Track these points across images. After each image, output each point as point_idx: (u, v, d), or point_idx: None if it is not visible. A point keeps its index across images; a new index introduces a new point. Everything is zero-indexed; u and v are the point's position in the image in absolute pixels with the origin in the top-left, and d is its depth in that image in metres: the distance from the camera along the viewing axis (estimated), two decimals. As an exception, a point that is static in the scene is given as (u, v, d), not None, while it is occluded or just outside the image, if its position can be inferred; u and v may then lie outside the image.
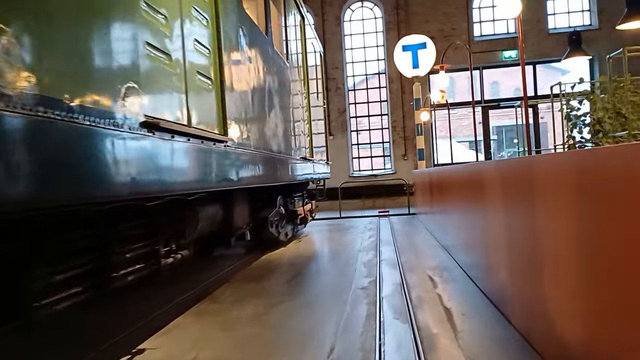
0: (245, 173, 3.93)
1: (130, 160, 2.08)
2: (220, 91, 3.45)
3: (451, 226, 5.57)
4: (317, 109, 9.37)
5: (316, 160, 8.66)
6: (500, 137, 38.69)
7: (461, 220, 4.82)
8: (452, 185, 5.31)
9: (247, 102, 4.17)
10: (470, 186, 4.11)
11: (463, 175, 4.56)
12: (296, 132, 6.82)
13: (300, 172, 7.16)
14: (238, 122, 3.86)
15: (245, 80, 4.13)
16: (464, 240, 4.76)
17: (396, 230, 8.42)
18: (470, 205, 4.20)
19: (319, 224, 10.60)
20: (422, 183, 9.50)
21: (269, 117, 5.26)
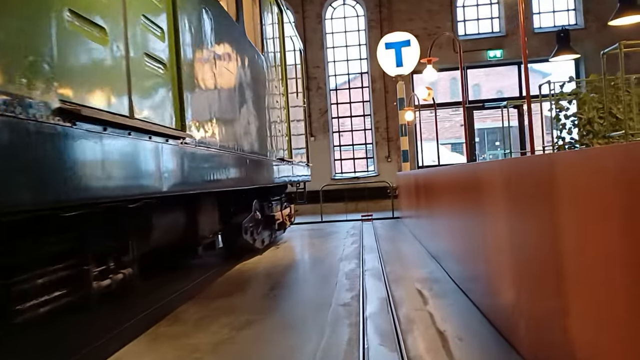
0: (210, 175, 3.43)
1: (38, 159, 1.57)
2: (178, 79, 2.95)
3: (441, 232, 5.13)
4: (297, 109, 8.90)
5: (295, 162, 8.18)
6: (482, 140, 38.69)
7: (453, 226, 4.38)
8: (443, 188, 4.87)
9: (213, 94, 3.67)
10: (466, 189, 3.66)
11: (457, 176, 4.12)
12: (273, 132, 6.34)
13: (278, 175, 6.68)
14: (201, 117, 3.36)
15: (210, 70, 3.63)
16: (456, 248, 4.31)
17: (380, 236, 7.97)
18: (465, 210, 3.76)
19: (299, 229, 10.11)
20: (407, 186, 9.08)
21: (240, 114, 4.77)
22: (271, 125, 6.19)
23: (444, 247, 4.98)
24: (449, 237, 4.63)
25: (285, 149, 7.32)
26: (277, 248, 7.27)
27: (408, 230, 8.41)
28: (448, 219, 4.65)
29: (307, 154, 10.06)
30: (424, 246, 6.34)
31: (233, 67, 4.38)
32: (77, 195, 1.71)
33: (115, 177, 2.03)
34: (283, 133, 7.16)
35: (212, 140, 3.55)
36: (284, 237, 8.70)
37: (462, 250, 4.02)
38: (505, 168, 2.52)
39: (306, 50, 14.22)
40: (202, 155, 3.29)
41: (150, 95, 2.57)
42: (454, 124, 38.89)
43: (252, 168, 5.12)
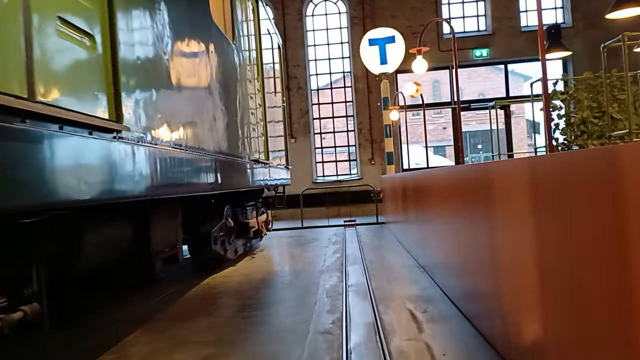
0: (160, 179, 2.80)
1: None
2: (112, 57, 2.32)
3: (434, 241, 4.56)
4: (275, 110, 8.30)
5: (273, 165, 7.57)
6: (464, 143, 38.40)
7: (449, 233, 3.81)
8: (437, 191, 4.31)
9: (164, 79, 3.04)
10: (470, 191, 3.10)
11: (457, 178, 3.55)
12: (246, 131, 5.72)
13: (253, 178, 6.06)
14: (147, 107, 2.73)
15: (162, 50, 3.01)
16: (453, 259, 3.74)
17: (365, 244, 7.38)
18: (467, 215, 3.19)
19: (278, 236, 9.48)
20: (392, 189, 8.52)
21: (205, 107, 4.14)
22: (244, 124, 5.57)
23: (437, 258, 4.41)
24: (444, 246, 4.06)
25: (261, 150, 6.71)
26: (252, 258, 6.64)
27: (394, 237, 7.85)
28: (443, 225, 4.08)
29: (286, 157, 9.46)
30: (412, 256, 5.77)
31: (194, 50, 3.76)
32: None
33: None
34: (259, 133, 6.55)
35: (163, 136, 2.92)
36: (261, 244, 8.07)
37: (461, 262, 3.45)
38: (534, 168, 1.95)
39: (286, 49, 13.62)
40: (148, 154, 2.66)
41: (65, 72, 1.94)
42: (437, 126, 38.66)
43: (221, 171, 4.50)
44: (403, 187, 6.69)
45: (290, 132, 13.70)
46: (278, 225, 11.21)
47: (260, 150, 6.64)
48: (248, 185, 5.88)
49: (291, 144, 13.65)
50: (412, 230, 6.02)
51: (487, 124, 31.37)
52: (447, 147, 37.28)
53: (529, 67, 21.49)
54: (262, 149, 6.80)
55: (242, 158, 5.37)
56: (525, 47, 13.24)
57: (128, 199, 2.48)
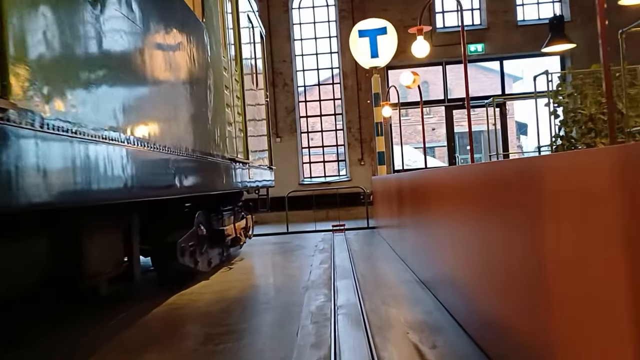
0: (81, 180, 2.06)
1: None
2: None
3: (437, 251, 3.87)
4: (257, 108, 7.58)
5: (254, 165, 6.84)
6: (453, 144, 37.90)
7: (462, 243, 3.12)
8: (443, 193, 3.61)
9: (90, 43, 2.31)
10: (491, 192, 2.41)
11: (471, 178, 2.86)
12: (221, 128, 5.00)
13: (230, 179, 5.34)
14: (63, 81, 2.00)
15: (91, 13, 2.27)
16: (465, 274, 3.05)
17: (355, 253, 6.68)
18: (491, 221, 2.49)
19: (261, 242, 8.75)
20: (384, 191, 7.83)
21: (163, 93, 3.42)
22: (218, 119, 4.84)
23: (441, 272, 3.71)
24: (452, 257, 3.36)
25: (240, 149, 5.99)
26: (229, 269, 5.90)
27: (387, 244, 7.15)
28: (450, 231, 3.39)
29: (270, 157, 8.74)
30: (409, 268, 5.07)
31: (142, 16, 3.02)
32: None
33: None
34: (237, 131, 5.83)
35: (91, 122, 2.19)
36: (242, 252, 7.34)
37: (477, 278, 2.75)
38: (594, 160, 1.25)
39: (271, 43, 12.90)
40: (64, 147, 1.93)
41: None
42: (426, 127, 38.01)
43: (186, 171, 3.77)
44: (398, 189, 6.00)
45: (275, 131, 12.98)
46: (262, 230, 10.48)
47: (239, 149, 5.92)
48: (223, 188, 5.15)
49: (276, 143, 12.94)
50: (409, 237, 5.32)
51: (478, 124, 31.07)
52: (436, 148, 36.88)
53: (517, 67, 21.01)
54: (241, 148, 6.07)
55: (215, 156, 4.64)
56: (521, 42, 12.65)
57: (30, 208, 1.74)
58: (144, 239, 4.33)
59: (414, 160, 24.52)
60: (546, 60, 13.41)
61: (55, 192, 1.84)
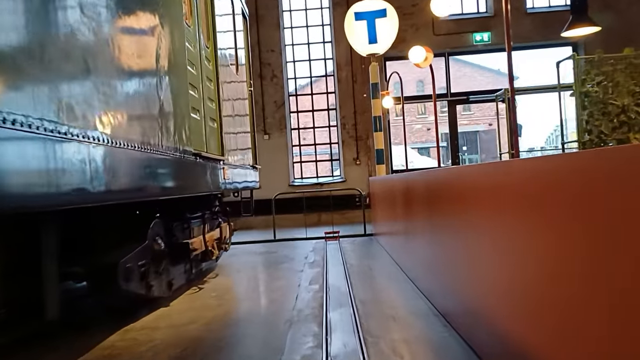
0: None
1: None
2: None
3: (470, 272, 2.79)
4: (238, 103, 6.50)
5: (233, 163, 5.76)
6: (448, 144, 37.01)
7: (518, 263, 2.04)
8: (481, 195, 2.54)
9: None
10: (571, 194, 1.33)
11: (531, 175, 1.79)
12: (182, 115, 3.92)
13: (198, 180, 4.25)
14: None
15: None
16: (511, 308, 1.97)
17: (352, 267, 5.59)
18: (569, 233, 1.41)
19: (244, 251, 7.66)
20: (385, 194, 6.77)
21: (95, 68, 2.33)
22: (175, 101, 3.75)
23: (476, 303, 2.64)
24: (499, 281, 2.29)
25: (212, 144, 4.91)
26: (196, 291, 4.79)
27: (388, 256, 6.08)
28: (497, 245, 2.32)
29: (254, 155, 7.65)
30: (422, 292, 4.00)
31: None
32: None
33: None
34: (207, 120, 4.74)
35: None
36: (219, 265, 6.25)
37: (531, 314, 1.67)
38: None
39: (258, 31, 11.82)
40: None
41: None
42: (421, 127, 37.26)
43: (115, 169, 2.67)
44: (405, 191, 4.92)
45: (263, 128, 11.88)
46: (246, 236, 9.39)
47: (210, 143, 4.83)
48: (187, 191, 4.06)
49: (264, 141, 11.85)
50: (419, 249, 4.25)
51: (473, 125, 30.01)
52: (431, 149, 35.91)
53: (530, 55, 19.96)
54: (213, 142, 4.99)
55: (168, 150, 3.54)
56: (531, 31, 11.61)
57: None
58: (73, 258, 3.26)
59: (410, 161, 23.50)
60: (557, 52, 12.39)
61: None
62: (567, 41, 11.78)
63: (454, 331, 2.97)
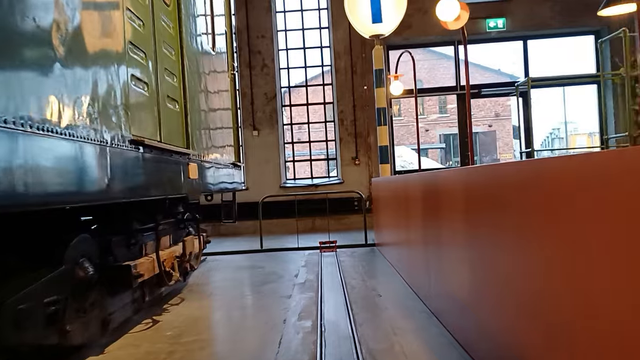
0: None
1: None
2: None
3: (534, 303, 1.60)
4: (216, 97, 5.31)
5: (206, 159, 4.56)
6: (448, 146, 36.08)
7: None
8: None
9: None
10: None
11: None
12: (118, 90, 2.72)
13: (142, 179, 3.05)
14: None
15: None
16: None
17: (354, 292, 4.40)
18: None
19: (223, 266, 6.47)
20: (391, 197, 5.59)
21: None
22: (99, 60, 2.55)
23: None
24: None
25: (174, 133, 3.72)
26: (146, 329, 3.58)
27: (398, 276, 4.90)
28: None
29: (237, 152, 6.45)
30: (452, 334, 2.81)
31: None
32: None
33: None
34: (161, 99, 3.54)
35: None
36: (190, 284, 5.06)
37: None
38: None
39: (247, 14, 10.63)
40: None
41: None
42: (420, 127, 36.06)
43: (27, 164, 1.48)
44: (425, 194, 3.73)
45: (252, 123, 10.69)
46: (230, 245, 8.22)
47: (170, 133, 3.63)
48: (120, 195, 2.84)
49: (253, 137, 10.66)
50: (447, 273, 3.08)
51: (473, 126, 28.57)
52: (429, 150, 34.84)
53: (542, 45, 18.92)
54: (177, 131, 3.79)
55: (96, 137, 2.35)
56: (550, 17, 10.47)
57: None
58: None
59: (410, 162, 22.41)
60: (578, 41, 11.28)
61: None
62: (590, 29, 10.67)
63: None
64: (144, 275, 3.34)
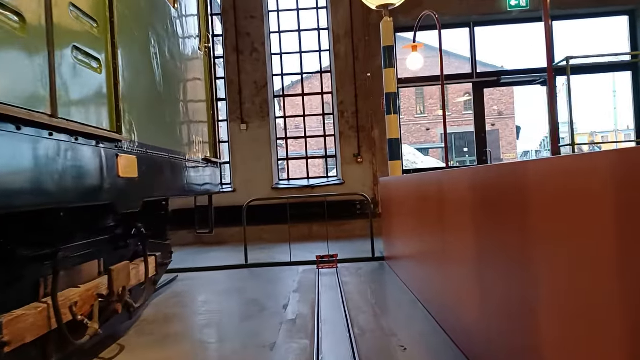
0: None
1: None
2: None
3: None
4: (179, 67, 4.01)
5: (161, 151, 3.25)
6: (450, 145, 34.86)
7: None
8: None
9: None
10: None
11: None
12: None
13: (31, 176, 1.71)
14: None
15: None
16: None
17: (363, 336, 3.07)
18: None
19: (195, 288, 5.15)
20: (407, 200, 4.27)
21: None
22: None
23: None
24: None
25: (92, 113, 2.40)
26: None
27: (419, 304, 3.59)
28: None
29: (214, 147, 5.11)
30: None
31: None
32: None
33: None
34: (63, 56, 2.22)
35: None
36: (141, 321, 3.74)
37: None
38: None
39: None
40: None
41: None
42: (419, 127, 34.96)
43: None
44: (473, 197, 2.41)
45: (239, 115, 9.36)
46: (211, 257, 6.91)
47: (90, 109, 2.31)
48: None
49: (241, 132, 9.34)
50: (509, 306, 1.77)
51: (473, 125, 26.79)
52: (430, 150, 33.59)
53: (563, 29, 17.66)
54: (92, 107, 2.46)
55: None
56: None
57: None
58: None
59: (412, 162, 21.14)
60: (608, 22, 9.99)
61: None
62: (624, 8, 9.38)
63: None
64: (24, 338, 2.00)
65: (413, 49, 6.91)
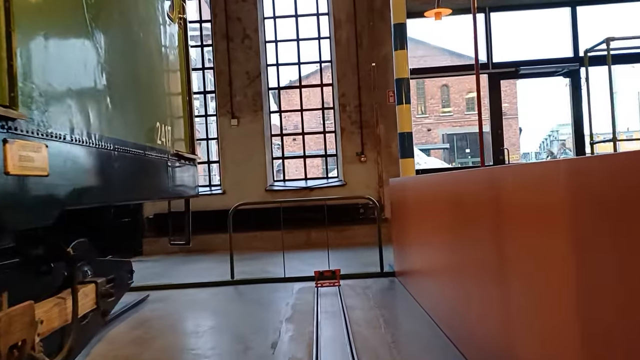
0: None
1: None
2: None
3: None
4: (131, 31, 3.09)
5: (94, 139, 2.31)
6: (452, 147, 34.04)
7: None
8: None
9: None
10: None
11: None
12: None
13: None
14: None
15: None
16: None
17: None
18: None
19: (164, 314, 4.22)
20: (425, 205, 3.35)
21: None
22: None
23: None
24: None
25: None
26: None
27: (446, 340, 2.66)
28: None
29: (191, 143, 4.17)
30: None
31: None
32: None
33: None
34: None
35: None
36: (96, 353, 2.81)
37: None
38: None
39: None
40: None
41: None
42: (420, 128, 34.06)
43: None
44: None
45: (229, 109, 8.43)
46: (194, 270, 5.99)
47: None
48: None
49: (231, 127, 8.42)
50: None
51: (476, 126, 25.65)
52: (432, 150, 32.69)
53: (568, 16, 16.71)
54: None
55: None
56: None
57: None
58: None
59: (417, 163, 20.29)
60: (633, 7, 9.09)
61: None
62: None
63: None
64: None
65: (437, 17, 6.00)
